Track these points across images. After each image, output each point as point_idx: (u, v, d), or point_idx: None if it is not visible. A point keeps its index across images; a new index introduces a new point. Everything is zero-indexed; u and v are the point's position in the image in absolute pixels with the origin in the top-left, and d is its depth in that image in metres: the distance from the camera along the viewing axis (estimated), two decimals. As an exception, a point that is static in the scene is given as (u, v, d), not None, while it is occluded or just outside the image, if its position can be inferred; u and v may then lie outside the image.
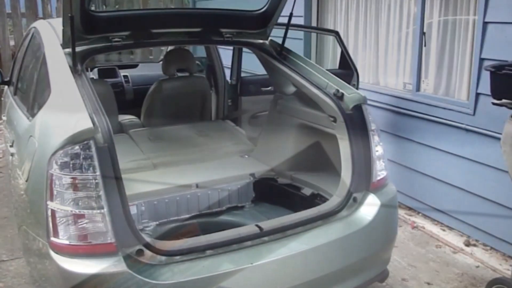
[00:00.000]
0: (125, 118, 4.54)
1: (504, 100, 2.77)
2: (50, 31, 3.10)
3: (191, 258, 2.20)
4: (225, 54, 4.85)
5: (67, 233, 2.04)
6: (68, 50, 2.63)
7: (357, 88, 4.72)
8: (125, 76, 5.56)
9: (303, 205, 3.11)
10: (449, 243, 4.07)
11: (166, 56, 4.31)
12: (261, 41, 3.37)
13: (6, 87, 4.40)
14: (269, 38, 3.41)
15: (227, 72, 4.81)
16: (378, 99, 4.88)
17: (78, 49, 2.74)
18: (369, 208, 2.63)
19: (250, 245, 2.34)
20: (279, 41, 3.36)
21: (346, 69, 4.76)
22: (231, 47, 4.57)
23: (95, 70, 5.44)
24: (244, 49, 4.37)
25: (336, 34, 4.75)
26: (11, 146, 3.08)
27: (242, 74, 4.76)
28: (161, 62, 4.56)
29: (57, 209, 2.04)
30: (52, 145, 2.10)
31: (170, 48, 4.50)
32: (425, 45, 4.45)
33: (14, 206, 3.01)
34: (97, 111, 2.24)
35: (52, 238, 2.07)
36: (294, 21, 3.28)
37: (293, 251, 2.37)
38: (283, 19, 3.29)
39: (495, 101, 2.82)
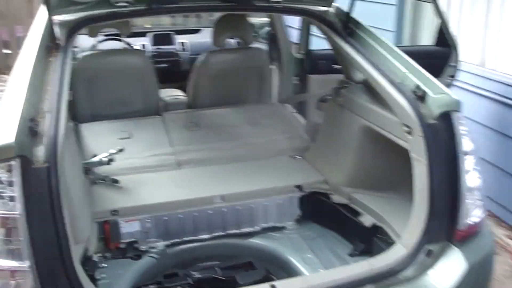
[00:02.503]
0: (171, 94, 3.88)
1: None
2: None
3: None
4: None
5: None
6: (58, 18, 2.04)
7: (454, 71, 3.71)
8: (182, 43, 4.88)
9: (360, 237, 2.34)
10: None
11: (217, 23, 3.57)
12: (322, 8, 2.54)
13: None
14: (333, 4, 2.56)
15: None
16: (482, 85, 3.86)
17: (69, 17, 2.17)
18: (448, 271, 1.77)
19: None
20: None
21: (445, 47, 3.73)
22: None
23: (151, 35, 4.81)
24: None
25: (433, 0, 3.70)
26: None
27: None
28: None
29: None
30: None
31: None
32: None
33: None
34: (52, 111, 1.59)
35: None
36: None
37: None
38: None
39: None
